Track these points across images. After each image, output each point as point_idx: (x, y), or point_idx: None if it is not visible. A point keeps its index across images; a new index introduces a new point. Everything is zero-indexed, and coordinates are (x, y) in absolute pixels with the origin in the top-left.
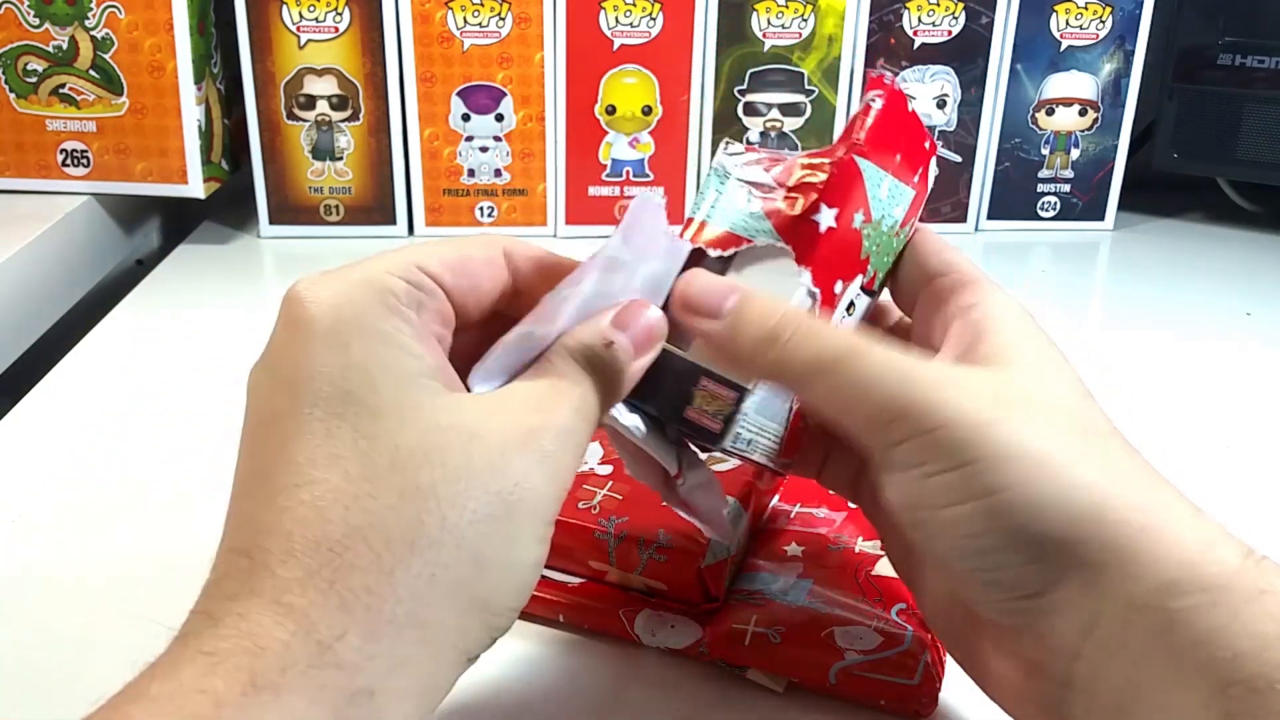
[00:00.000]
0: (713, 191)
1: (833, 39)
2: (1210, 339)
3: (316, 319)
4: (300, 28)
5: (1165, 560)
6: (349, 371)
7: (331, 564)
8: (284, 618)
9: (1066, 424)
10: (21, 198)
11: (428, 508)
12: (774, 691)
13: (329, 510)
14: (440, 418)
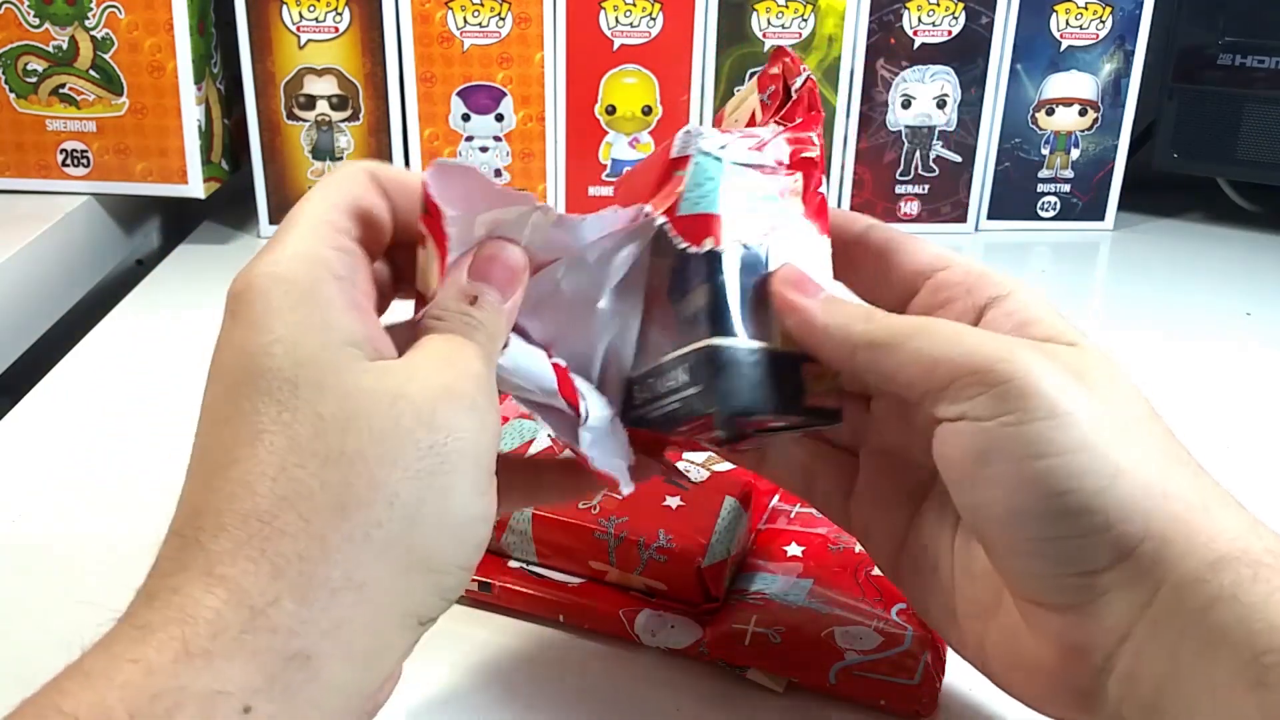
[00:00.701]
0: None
1: (833, 39)
2: (1210, 339)
3: (249, 302)
4: (300, 28)
5: (1221, 538)
6: (271, 349)
7: (261, 534)
8: (215, 587)
9: (1126, 403)
10: (21, 198)
11: (355, 471)
12: (774, 691)
13: (256, 484)
14: (362, 382)
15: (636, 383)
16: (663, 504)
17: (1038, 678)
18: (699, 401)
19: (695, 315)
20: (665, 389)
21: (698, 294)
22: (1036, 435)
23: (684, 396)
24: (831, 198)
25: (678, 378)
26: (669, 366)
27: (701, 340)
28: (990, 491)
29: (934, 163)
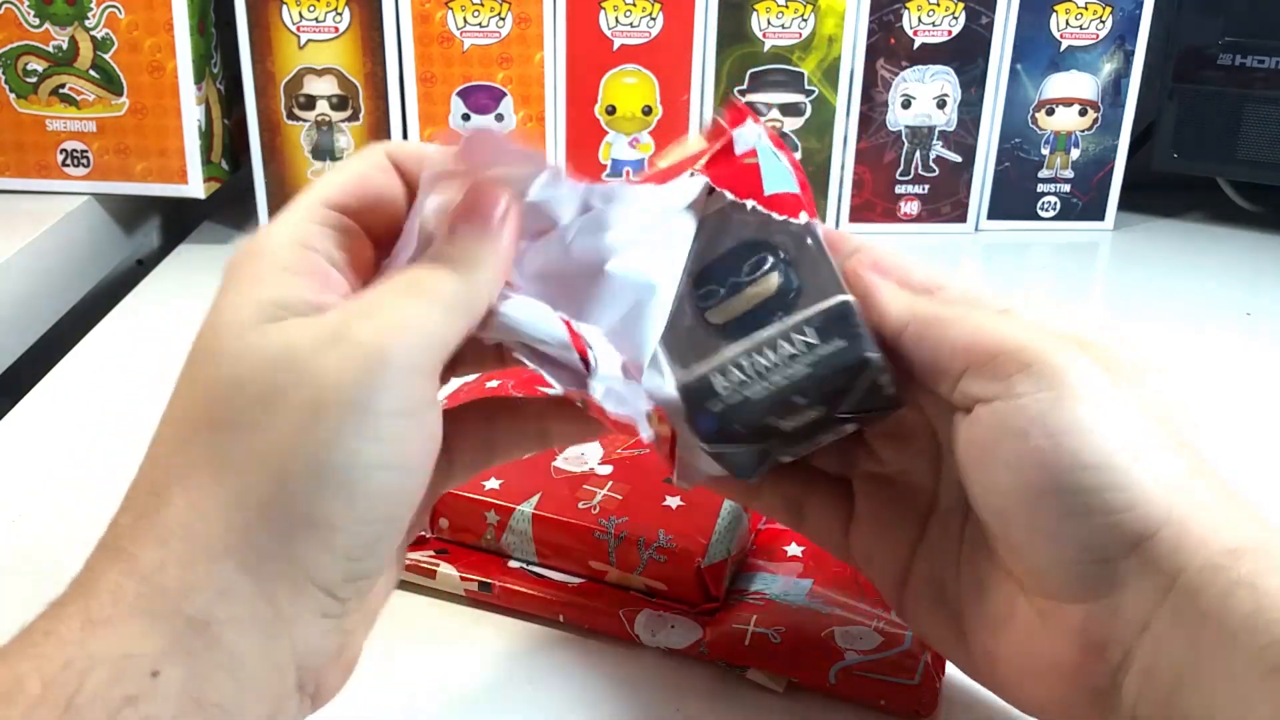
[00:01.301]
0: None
1: (833, 39)
2: (1210, 339)
3: (224, 279)
4: (300, 28)
5: (1237, 528)
6: (203, 331)
7: (153, 504)
8: (113, 560)
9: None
10: (21, 198)
11: (232, 436)
12: (774, 691)
13: (159, 457)
14: (252, 342)
15: (722, 370)
16: (663, 504)
17: (1053, 683)
18: (845, 355)
19: (805, 283)
20: (781, 359)
21: (806, 262)
22: (1067, 412)
23: (820, 357)
24: (832, 198)
25: (802, 342)
26: (784, 334)
27: (831, 299)
28: (1015, 472)
29: (934, 163)
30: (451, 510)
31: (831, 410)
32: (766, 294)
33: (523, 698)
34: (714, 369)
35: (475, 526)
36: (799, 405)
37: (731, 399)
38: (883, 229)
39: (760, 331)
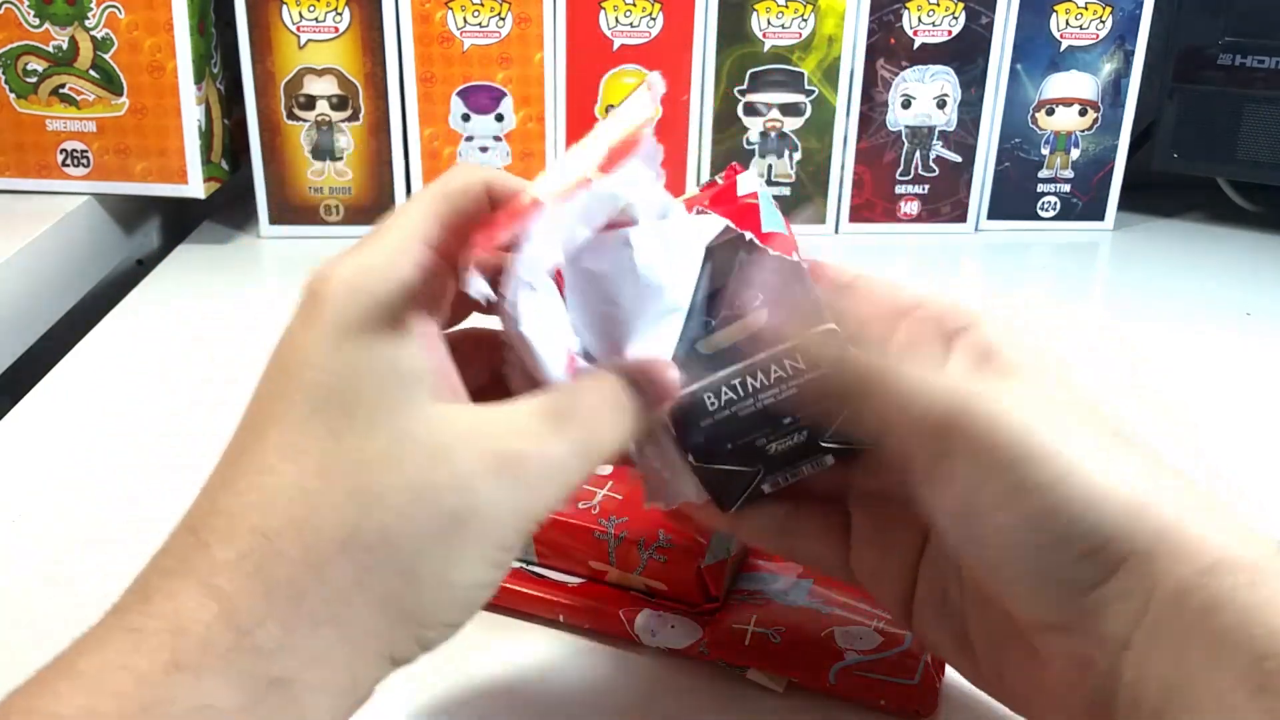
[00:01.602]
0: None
1: (833, 39)
2: (1210, 339)
3: (325, 305)
4: (300, 28)
5: (1209, 544)
6: (340, 367)
7: (262, 549)
8: (209, 599)
9: (1099, 422)
10: (21, 198)
11: (370, 513)
12: (774, 691)
13: (277, 499)
14: (415, 427)
15: (714, 390)
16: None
17: (1056, 696)
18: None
19: (794, 312)
20: (771, 381)
21: (795, 295)
22: (1014, 480)
23: (808, 381)
24: (832, 198)
25: (791, 366)
26: (775, 359)
27: (818, 326)
28: (978, 539)
29: (934, 163)
30: None
31: (816, 436)
32: (755, 328)
33: (522, 698)
34: (706, 388)
35: None
36: (786, 427)
37: (721, 415)
38: (883, 229)
39: (752, 357)
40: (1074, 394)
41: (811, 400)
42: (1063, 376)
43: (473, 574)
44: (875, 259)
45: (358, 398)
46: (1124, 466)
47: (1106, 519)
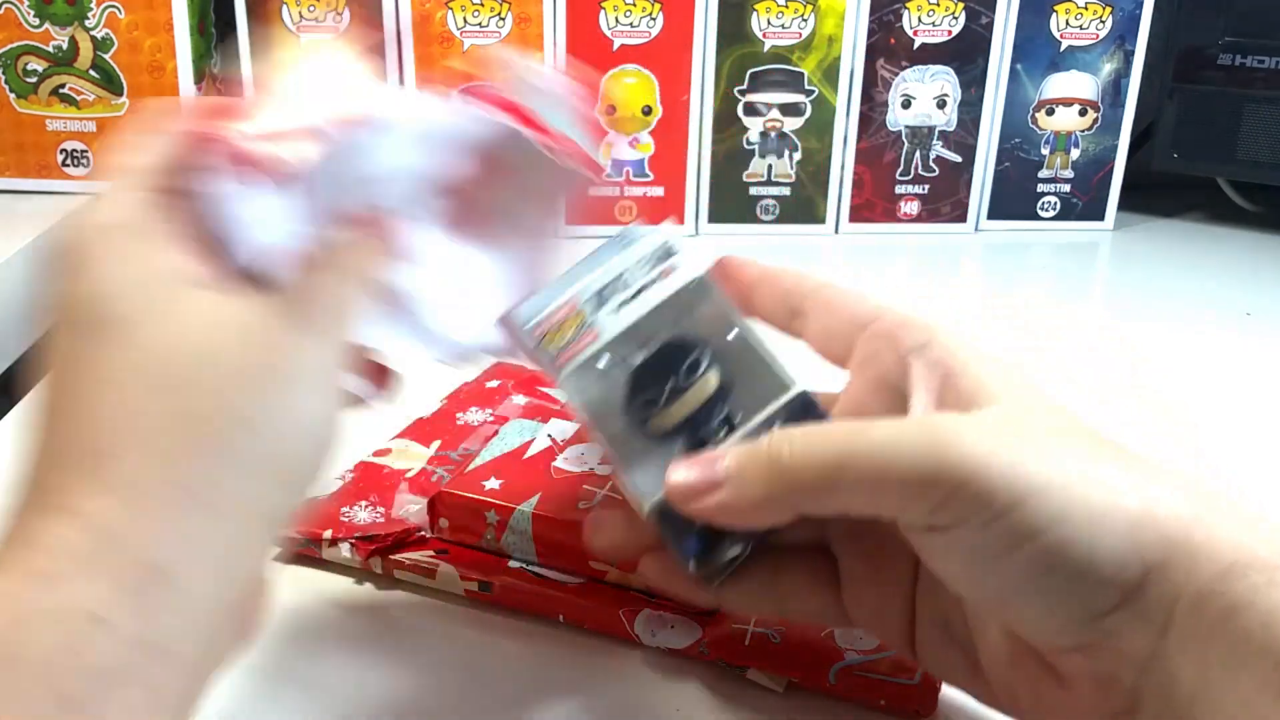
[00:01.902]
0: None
1: (833, 39)
2: (1210, 339)
3: (80, 254)
4: (300, 28)
5: (1222, 546)
6: (113, 292)
7: (95, 462)
8: (55, 515)
9: (1077, 440)
10: (22, 197)
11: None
12: (774, 692)
13: (100, 422)
14: (205, 313)
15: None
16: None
17: (1078, 713)
18: None
19: (743, 375)
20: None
21: (736, 353)
22: (1006, 530)
23: None
24: (832, 198)
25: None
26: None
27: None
28: (983, 585)
29: (934, 163)
30: (451, 510)
31: None
32: (707, 393)
33: (522, 698)
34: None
35: (475, 526)
36: None
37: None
38: (883, 229)
39: (726, 442)
40: (1046, 407)
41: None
42: (1027, 387)
43: (309, 409)
44: (875, 259)
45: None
46: (1120, 480)
47: (1115, 543)
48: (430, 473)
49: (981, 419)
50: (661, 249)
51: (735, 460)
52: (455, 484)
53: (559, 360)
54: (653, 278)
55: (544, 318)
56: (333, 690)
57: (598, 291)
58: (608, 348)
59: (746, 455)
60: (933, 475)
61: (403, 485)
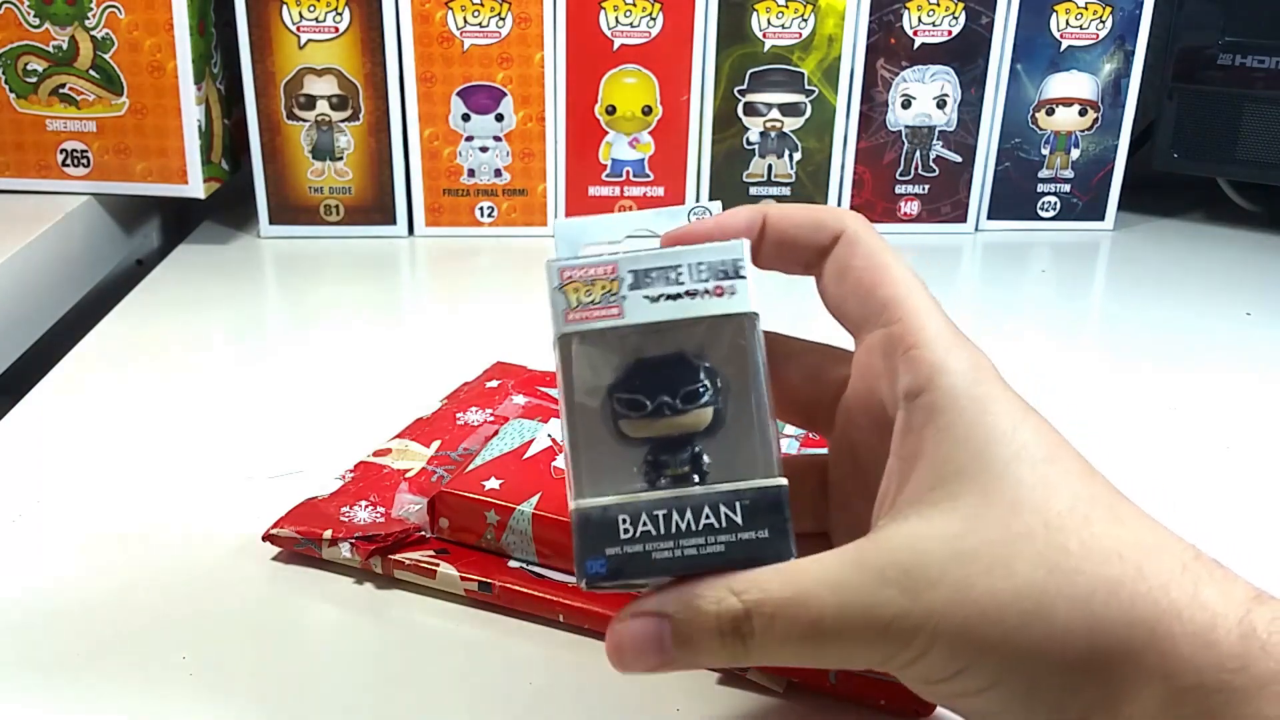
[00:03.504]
0: None
1: (833, 39)
2: (1210, 339)
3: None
4: (300, 28)
5: (1170, 677)
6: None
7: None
8: None
9: (1035, 559)
10: (21, 198)
11: None
12: (774, 692)
13: None
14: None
15: (634, 514)
16: None
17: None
18: (763, 548)
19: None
20: (700, 527)
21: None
22: (965, 682)
23: (739, 540)
24: (832, 198)
25: (727, 517)
26: (711, 501)
27: (768, 480)
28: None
29: (934, 163)
30: (451, 510)
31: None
32: (694, 427)
33: (522, 698)
34: (624, 510)
35: (475, 526)
36: (694, 575)
37: (630, 549)
38: (883, 229)
39: (683, 488)
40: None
41: (738, 560)
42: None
43: None
44: None
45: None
46: (1069, 617)
47: (1075, 670)
48: (430, 473)
49: (929, 563)
50: (731, 264)
51: (684, 632)
52: (455, 484)
53: (568, 315)
54: (706, 288)
55: (579, 265)
56: (332, 690)
57: (644, 270)
58: (623, 331)
59: (698, 628)
60: (886, 653)
61: (403, 485)
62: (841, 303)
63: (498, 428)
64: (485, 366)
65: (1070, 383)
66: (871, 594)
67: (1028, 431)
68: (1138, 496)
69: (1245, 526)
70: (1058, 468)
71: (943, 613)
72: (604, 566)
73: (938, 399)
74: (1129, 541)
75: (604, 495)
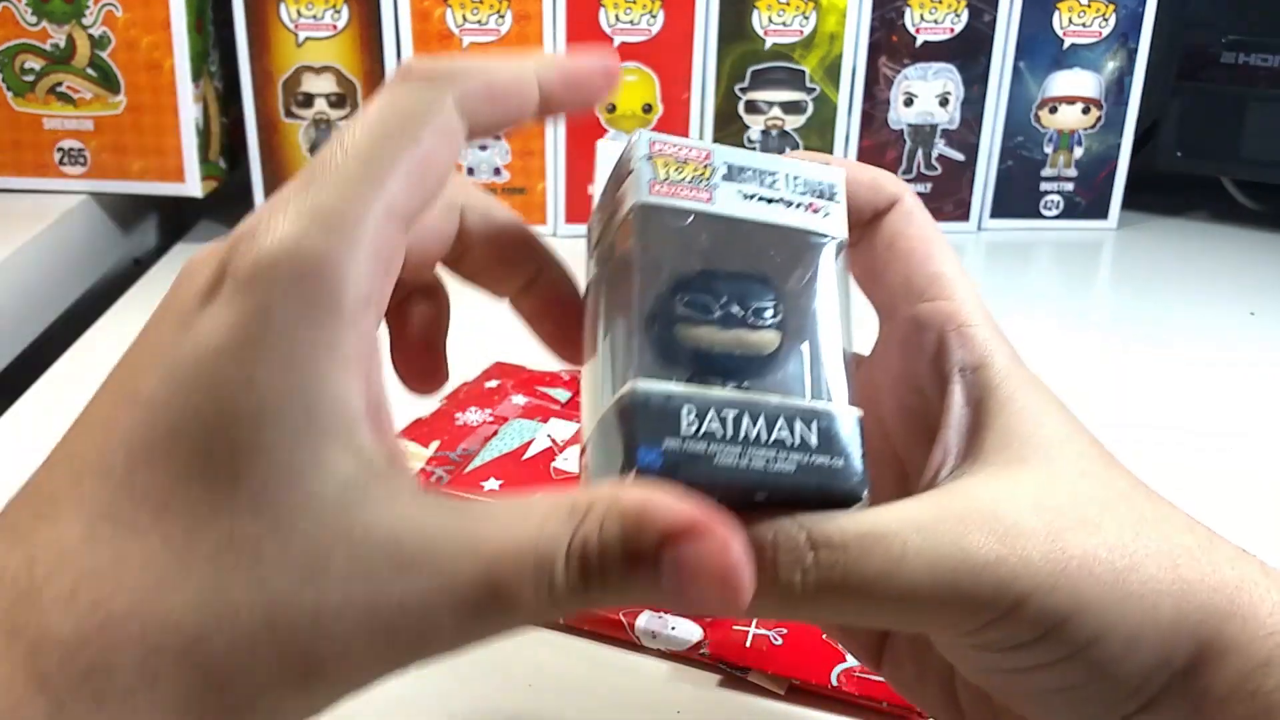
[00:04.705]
0: None
1: (834, 36)
2: (1214, 338)
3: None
4: (298, 25)
5: (1255, 642)
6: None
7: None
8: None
9: (1119, 521)
10: (19, 196)
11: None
12: (775, 694)
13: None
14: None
15: (703, 407)
16: None
17: None
18: (836, 478)
19: (806, 359)
20: (773, 438)
21: (817, 335)
22: (1041, 652)
23: (811, 464)
24: None
25: (802, 434)
26: (788, 413)
27: (848, 408)
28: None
29: (936, 161)
30: None
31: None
32: (758, 349)
33: (522, 699)
34: (691, 400)
35: None
36: (751, 499)
37: (692, 447)
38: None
39: (757, 394)
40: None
41: (805, 488)
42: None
43: (308, 714)
44: None
45: (254, 448)
46: (1157, 578)
47: (1146, 658)
48: (429, 473)
49: (1017, 512)
50: (828, 187)
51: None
52: (455, 484)
53: (654, 186)
54: (801, 201)
55: (669, 142)
56: None
57: (740, 166)
58: (709, 221)
59: (775, 561)
60: (968, 609)
61: None
62: (884, 270)
63: (497, 428)
64: (484, 367)
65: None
66: (961, 535)
67: (1069, 417)
68: None
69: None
70: (1103, 451)
71: (1038, 563)
72: (659, 459)
73: (993, 375)
74: (1191, 519)
75: (665, 384)
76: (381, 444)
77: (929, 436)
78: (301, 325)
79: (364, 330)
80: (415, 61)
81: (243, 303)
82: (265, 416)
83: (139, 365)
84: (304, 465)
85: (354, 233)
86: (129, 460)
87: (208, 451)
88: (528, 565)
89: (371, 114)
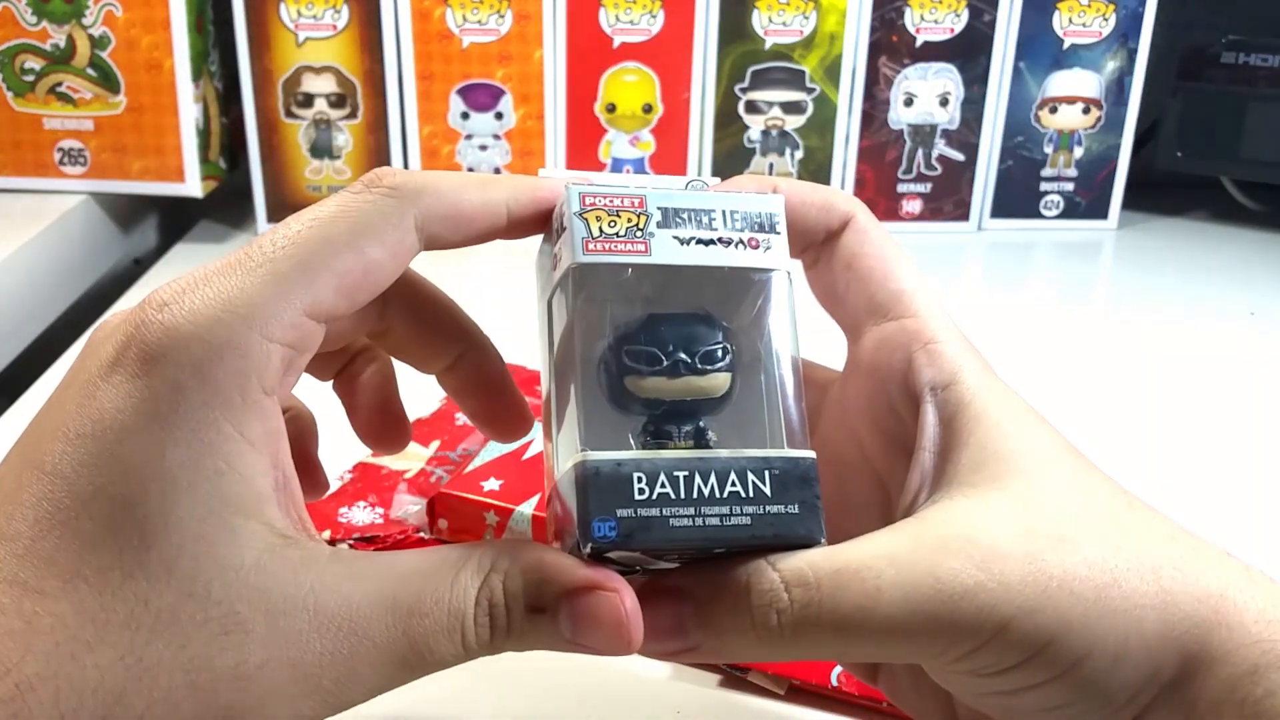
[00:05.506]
0: None
1: (834, 36)
2: (1214, 338)
3: (149, 381)
4: (298, 25)
5: (1239, 650)
6: (149, 467)
7: (15, 705)
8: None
9: (1099, 536)
10: (19, 196)
11: (135, 691)
12: (776, 694)
13: (42, 641)
14: (219, 585)
15: (651, 472)
16: None
17: None
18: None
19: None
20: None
21: (758, 399)
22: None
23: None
24: None
25: (755, 486)
26: (739, 467)
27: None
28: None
29: (936, 161)
30: (451, 510)
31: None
32: (709, 393)
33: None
34: (640, 466)
35: (475, 527)
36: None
37: (645, 512)
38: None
39: (707, 450)
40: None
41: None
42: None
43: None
44: None
45: (165, 520)
46: (1141, 591)
47: (1133, 672)
48: (429, 473)
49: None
50: (767, 218)
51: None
52: (455, 484)
53: (588, 245)
54: (740, 238)
55: (603, 191)
56: None
57: (675, 209)
58: (647, 271)
59: (728, 608)
60: (949, 639)
61: (401, 485)
62: (845, 291)
63: None
64: None
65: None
66: (936, 564)
67: (1045, 428)
68: (1140, 496)
69: (1248, 525)
70: (1082, 461)
71: (1018, 586)
72: (614, 529)
73: (964, 392)
74: (1174, 526)
75: (613, 450)
76: (290, 517)
77: (907, 456)
78: (211, 407)
79: (269, 414)
80: (386, 171)
81: (150, 379)
82: (177, 492)
83: (44, 434)
84: (216, 536)
85: (268, 327)
86: (35, 529)
87: (118, 522)
88: (441, 620)
89: (325, 214)
